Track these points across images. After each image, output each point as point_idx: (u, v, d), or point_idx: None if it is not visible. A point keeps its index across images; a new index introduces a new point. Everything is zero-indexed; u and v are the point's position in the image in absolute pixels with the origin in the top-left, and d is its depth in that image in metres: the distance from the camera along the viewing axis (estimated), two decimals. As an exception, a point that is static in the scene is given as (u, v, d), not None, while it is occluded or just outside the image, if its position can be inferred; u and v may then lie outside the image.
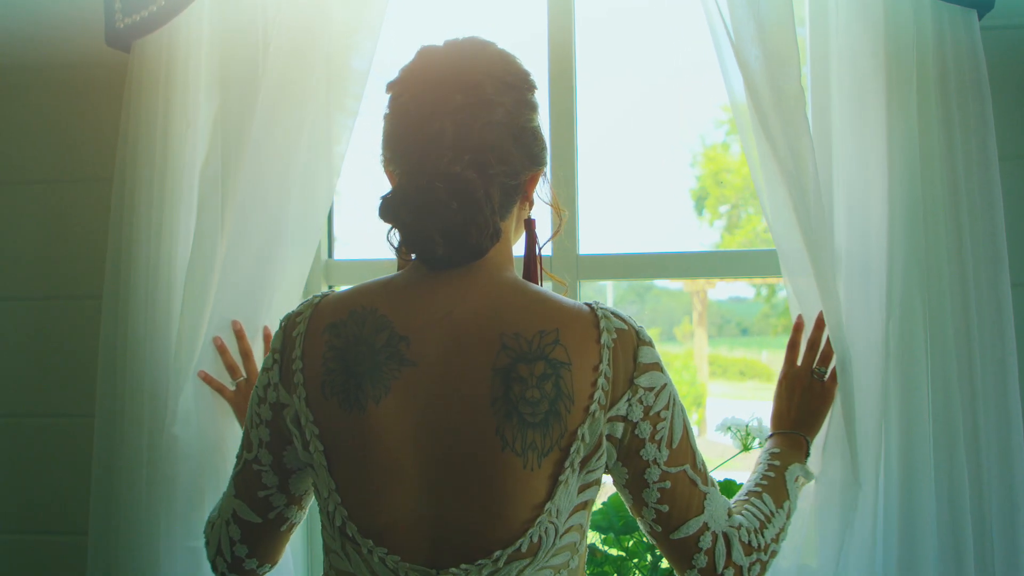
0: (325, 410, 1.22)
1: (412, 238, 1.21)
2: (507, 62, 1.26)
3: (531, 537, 1.17)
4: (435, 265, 1.24)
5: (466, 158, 1.19)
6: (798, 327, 1.62)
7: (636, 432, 1.21)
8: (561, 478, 1.18)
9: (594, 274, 1.92)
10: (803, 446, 1.54)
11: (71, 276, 2.00)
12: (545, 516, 1.18)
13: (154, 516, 1.69)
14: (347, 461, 1.21)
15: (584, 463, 1.19)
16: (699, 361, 10.03)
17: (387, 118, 1.26)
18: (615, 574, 1.80)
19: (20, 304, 2.02)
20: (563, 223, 1.43)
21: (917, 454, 1.55)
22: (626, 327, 1.22)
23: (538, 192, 1.32)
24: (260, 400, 1.30)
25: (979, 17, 1.59)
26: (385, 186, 1.27)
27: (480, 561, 1.17)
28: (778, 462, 1.46)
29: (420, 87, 1.22)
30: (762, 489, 1.39)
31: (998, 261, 1.56)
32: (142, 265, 1.73)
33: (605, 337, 1.20)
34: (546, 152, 1.30)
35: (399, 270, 1.30)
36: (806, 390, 1.58)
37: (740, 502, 1.36)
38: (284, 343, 1.28)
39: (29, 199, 2.02)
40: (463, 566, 1.17)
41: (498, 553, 1.17)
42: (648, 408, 1.21)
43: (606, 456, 1.21)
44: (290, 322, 1.29)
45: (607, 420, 1.20)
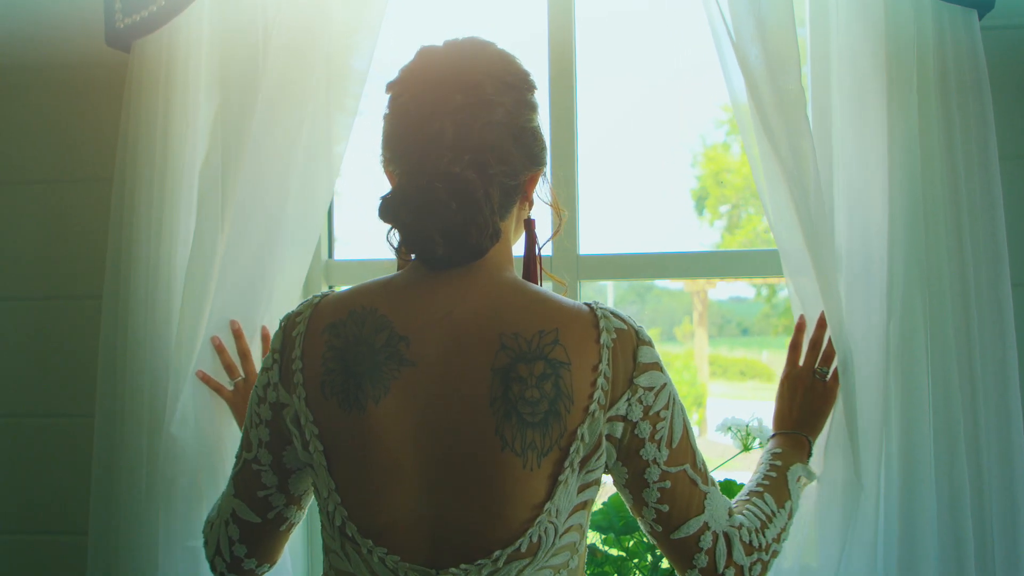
0: (325, 410, 1.22)
1: (412, 238, 1.21)
2: (507, 62, 1.26)
3: (531, 537, 1.17)
4: (435, 265, 1.24)
5: (466, 158, 1.19)
6: (800, 327, 1.62)
7: (636, 432, 1.21)
8: (561, 478, 1.18)
9: (594, 274, 1.92)
10: (805, 446, 1.54)
11: (71, 276, 2.00)
12: (545, 516, 1.18)
13: (153, 516, 1.69)
14: (347, 461, 1.21)
15: (584, 463, 1.19)
16: (699, 361, 10.03)
17: (387, 118, 1.26)
18: (615, 574, 1.80)
19: (20, 304, 2.02)
20: (563, 223, 1.43)
21: (918, 454, 1.55)
22: (625, 327, 1.22)
23: (538, 192, 1.32)
24: (260, 400, 1.29)
25: (979, 17, 1.59)
26: (385, 186, 1.27)
27: (480, 561, 1.17)
28: (780, 462, 1.46)
29: (420, 87, 1.22)
30: (763, 489, 1.39)
31: (998, 261, 1.56)
32: (142, 265, 1.73)
33: (604, 337, 1.20)
34: (546, 152, 1.30)
35: (399, 270, 1.30)
36: (808, 390, 1.58)
37: (741, 502, 1.36)
38: (284, 343, 1.28)
39: (29, 199, 2.02)
40: (463, 566, 1.17)
41: (498, 553, 1.17)
42: (648, 408, 1.21)
43: (606, 456, 1.21)
44: (290, 322, 1.29)
45: (607, 420, 1.20)
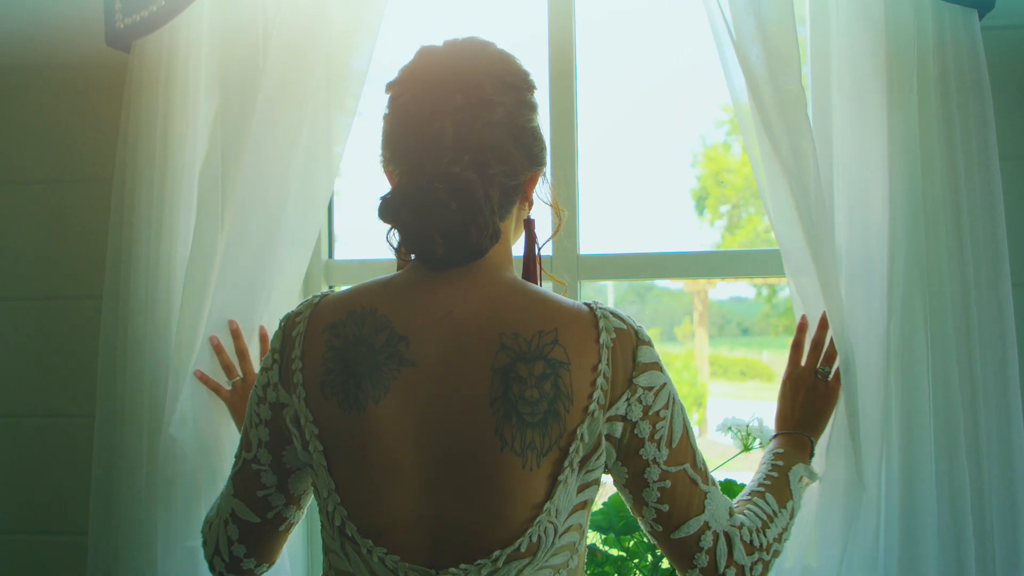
0: (325, 410, 1.22)
1: (412, 238, 1.21)
2: (507, 62, 1.26)
3: (530, 537, 1.17)
4: (435, 265, 1.24)
5: (466, 158, 1.19)
6: (802, 327, 1.62)
7: (635, 431, 1.21)
8: (560, 478, 1.18)
9: (594, 274, 1.92)
10: (807, 446, 1.53)
11: (71, 276, 1.99)
12: (544, 516, 1.17)
13: (153, 516, 1.69)
14: (347, 461, 1.21)
15: (583, 463, 1.19)
16: (700, 361, 10.03)
17: (387, 118, 1.26)
18: (616, 574, 1.80)
19: (20, 304, 2.02)
20: (563, 223, 1.43)
21: (918, 453, 1.55)
22: (625, 327, 1.22)
23: (538, 192, 1.32)
24: (260, 400, 1.29)
25: (980, 17, 1.59)
26: (385, 186, 1.27)
27: (479, 561, 1.17)
28: (781, 462, 1.46)
29: (420, 87, 1.22)
30: (765, 489, 1.39)
31: (999, 261, 1.56)
32: (142, 265, 1.73)
33: (604, 337, 1.20)
34: (546, 152, 1.30)
35: (399, 270, 1.30)
36: (810, 390, 1.58)
37: (742, 502, 1.36)
38: (284, 343, 1.28)
39: (29, 199, 2.02)
40: (462, 566, 1.17)
41: (497, 553, 1.17)
42: (647, 407, 1.21)
43: (605, 456, 1.21)
44: (289, 322, 1.29)
45: (606, 420, 1.20)
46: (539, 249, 1.36)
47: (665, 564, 1.79)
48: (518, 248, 1.35)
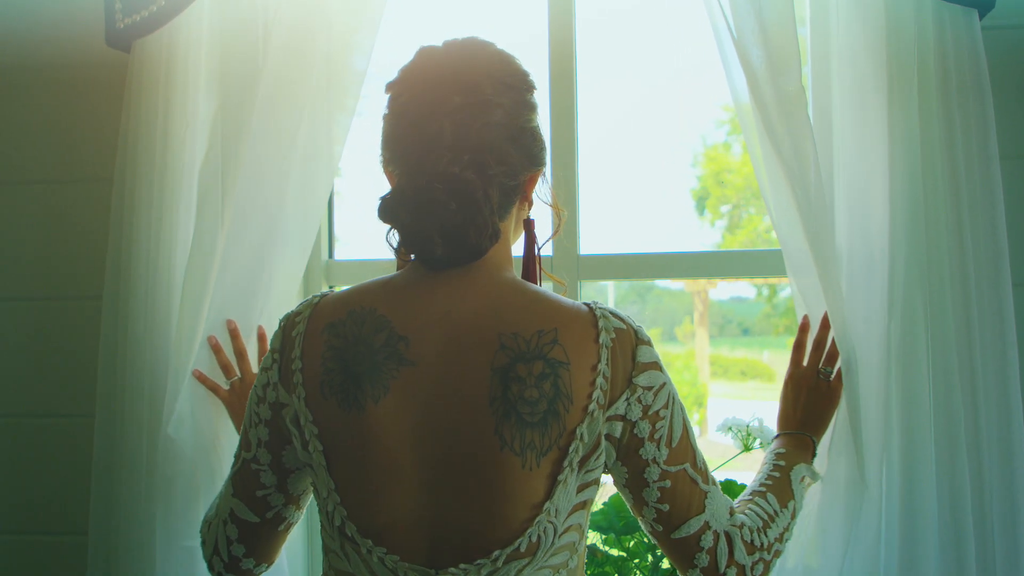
0: (324, 410, 1.22)
1: (411, 238, 1.21)
2: (506, 62, 1.26)
3: (530, 537, 1.17)
4: (434, 265, 1.24)
5: (465, 158, 1.19)
6: (804, 327, 1.62)
7: (635, 431, 1.21)
8: (560, 478, 1.18)
9: (594, 274, 1.92)
10: (809, 446, 1.53)
11: (71, 276, 1.99)
12: (544, 516, 1.17)
13: (152, 516, 1.69)
14: (346, 461, 1.21)
15: (583, 463, 1.19)
16: (700, 361, 10.02)
17: (386, 118, 1.26)
18: (616, 574, 1.80)
19: (20, 304, 2.02)
20: (562, 223, 1.43)
21: (918, 453, 1.54)
22: (624, 326, 1.22)
23: (537, 192, 1.32)
24: (259, 399, 1.29)
25: (980, 17, 1.59)
26: (385, 186, 1.27)
27: (479, 561, 1.17)
28: (783, 462, 1.46)
29: (419, 87, 1.22)
30: (766, 489, 1.39)
31: (999, 260, 1.56)
32: (142, 265, 1.73)
33: (604, 336, 1.20)
34: (545, 152, 1.30)
35: (398, 270, 1.30)
36: (812, 390, 1.58)
37: (744, 502, 1.36)
38: (283, 343, 1.28)
39: (29, 199, 2.02)
40: (462, 566, 1.17)
41: (497, 553, 1.17)
42: (647, 407, 1.21)
43: (605, 455, 1.21)
44: (289, 322, 1.29)
45: (606, 419, 1.19)
46: (539, 249, 1.36)
47: (665, 564, 1.79)
48: (518, 248, 1.35)
